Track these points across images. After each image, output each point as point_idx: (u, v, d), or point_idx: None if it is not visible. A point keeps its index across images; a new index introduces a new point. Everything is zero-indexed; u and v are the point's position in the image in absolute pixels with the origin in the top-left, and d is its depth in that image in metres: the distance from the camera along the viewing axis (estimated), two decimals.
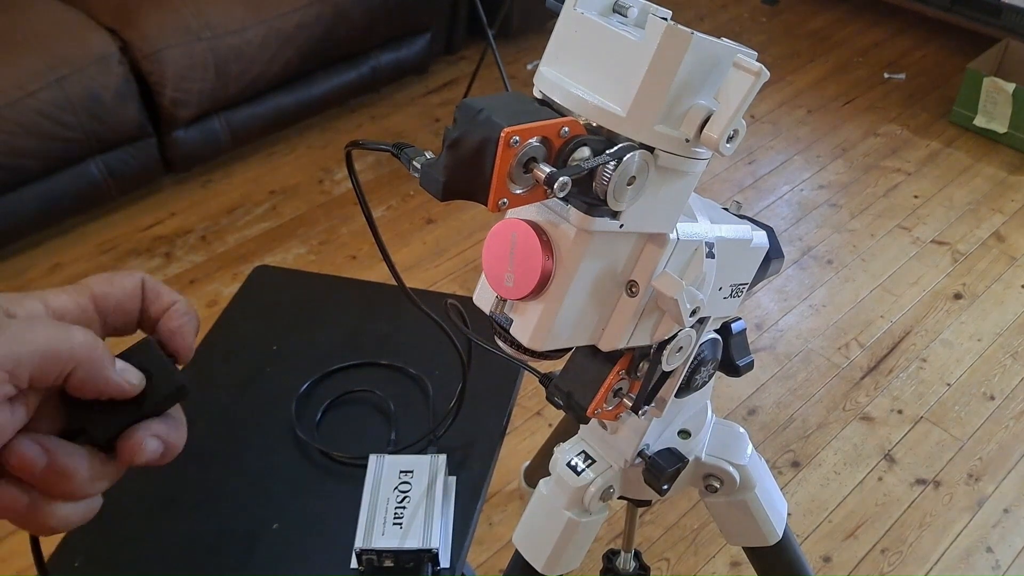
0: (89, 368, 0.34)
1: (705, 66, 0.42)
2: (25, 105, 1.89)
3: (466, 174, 0.39)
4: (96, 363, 0.35)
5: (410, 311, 0.61)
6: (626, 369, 0.57)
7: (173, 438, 0.38)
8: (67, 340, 0.34)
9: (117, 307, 0.39)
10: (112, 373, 0.35)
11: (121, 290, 0.39)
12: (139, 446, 0.37)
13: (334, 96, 2.48)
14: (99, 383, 0.35)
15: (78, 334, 0.34)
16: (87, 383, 0.35)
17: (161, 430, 0.38)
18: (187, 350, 0.40)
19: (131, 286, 0.40)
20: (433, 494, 0.82)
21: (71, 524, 0.36)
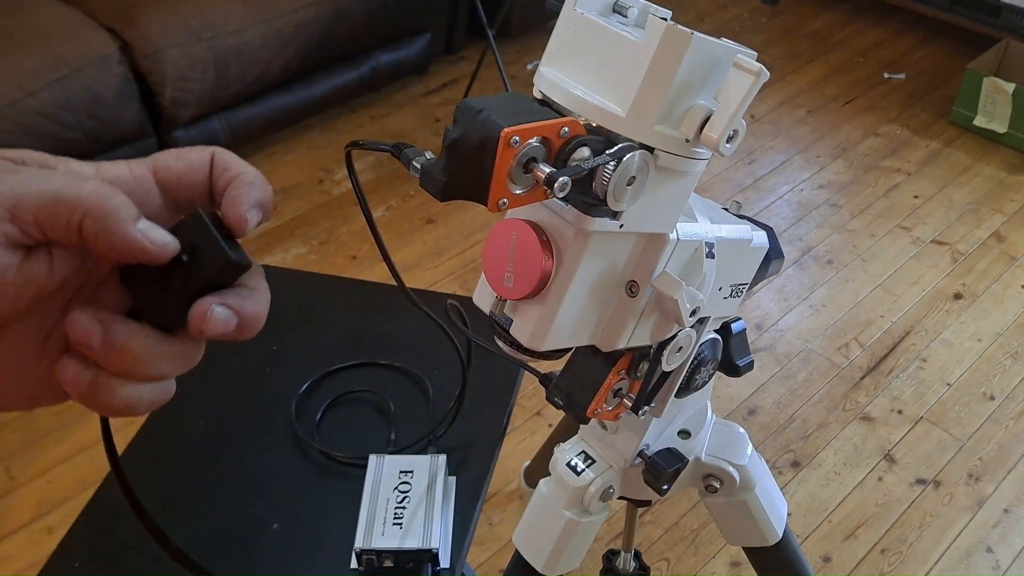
0: (100, 219, 0.31)
1: (705, 66, 0.42)
2: (25, 105, 1.89)
3: (466, 174, 0.39)
4: (109, 214, 0.31)
5: (410, 311, 0.61)
6: (626, 369, 0.57)
7: (248, 308, 0.35)
8: (75, 186, 0.31)
9: (179, 180, 0.36)
10: (129, 228, 0.32)
11: (186, 163, 0.36)
12: (204, 315, 0.33)
13: (334, 96, 2.48)
14: (115, 238, 0.32)
15: (91, 183, 0.31)
16: (103, 240, 0.32)
17: (232, 299, 0.34)
18: (238, 220, 0.35)
19: (198, 159, 0.36)
20: (433, 494, 0.82)
21: (139, 406, 0.34)
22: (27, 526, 1.57)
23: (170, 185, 0.36)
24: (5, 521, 1.58)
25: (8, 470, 1.67)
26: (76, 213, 0.31)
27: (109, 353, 0.33)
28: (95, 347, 0.32)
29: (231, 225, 0.35)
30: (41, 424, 1.74)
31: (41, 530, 1.56)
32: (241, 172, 0.36)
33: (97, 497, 0.89)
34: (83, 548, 0.84)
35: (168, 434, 0.94)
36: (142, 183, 0.35)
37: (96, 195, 0.31)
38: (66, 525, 0.86)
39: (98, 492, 0.89)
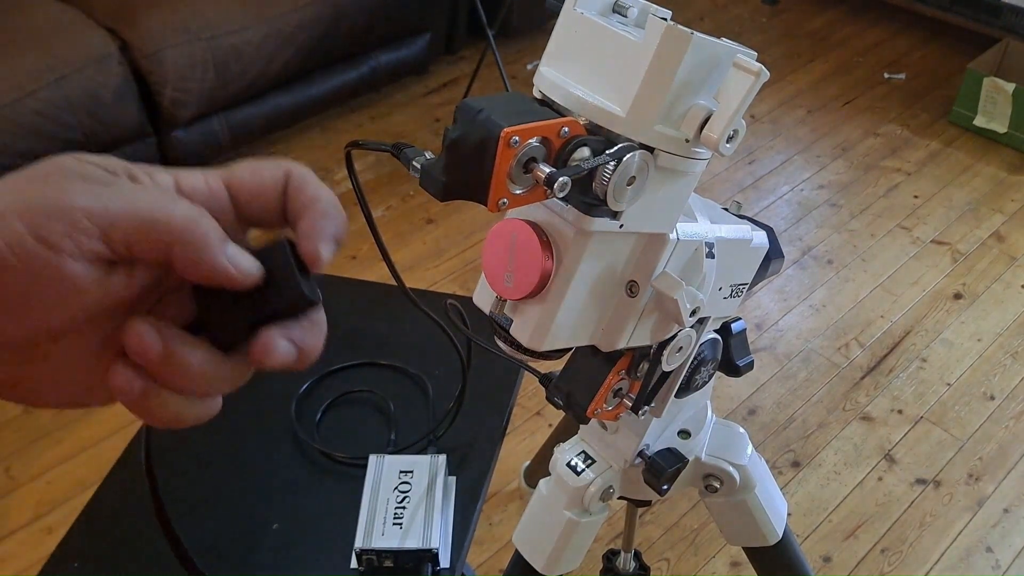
0: (190, 245, 0.31)
1: (705, 66, 0.42)
2: (24, 105, 1.89)
3: (466, 174, 0.39)
4: (199, 240, 0.31)
5: (410, 311, 0.61)
6: (626, 369, 0.57)
7: (308, 341, 0.35)
8: (167, 209, 0.31)
9: (252, 197, 0.35)
10: (218, 255, 0.32)
11: (259, 180, 0.35)
12: (268, 347, 0.34)
13: (334, 96, 2.48)
14: (203, 265, 0.32)
15: (182, 206, 0.31)
16: (190, 263, 0.32)
17: (295, 332, 0.35)
18: (313, 256, 0.34)
19: (272, 177, 0.35)
20: (433, 494, 0.82)
21: (185, 421, 0.34)
22: (27, 526, 1.57)
23: (242, 200, 0.36)
24: (5, 521, 1.58)
25: (8, 470, 1.67)
26: (168, 238, 0.31)
27: (164, 367, 0.33)
28: (153, 360, 0.32)
29: (306, 259, 0.35)
30: (41, 424, 1.74)
31: (41, 530, 1.56)
32: (317, 198, 0.35)
33: (97, 497, 0.89)
34: (83, 548, 0.84)
35: (168, 434, 0.94)
36: (217, 197, 0.35)
37: (188, 221, 0.31)
38: (66, 525, 0.86)
39: (98, 492, 0.89)
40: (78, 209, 0.29)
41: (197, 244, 0.32)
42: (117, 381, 0.33)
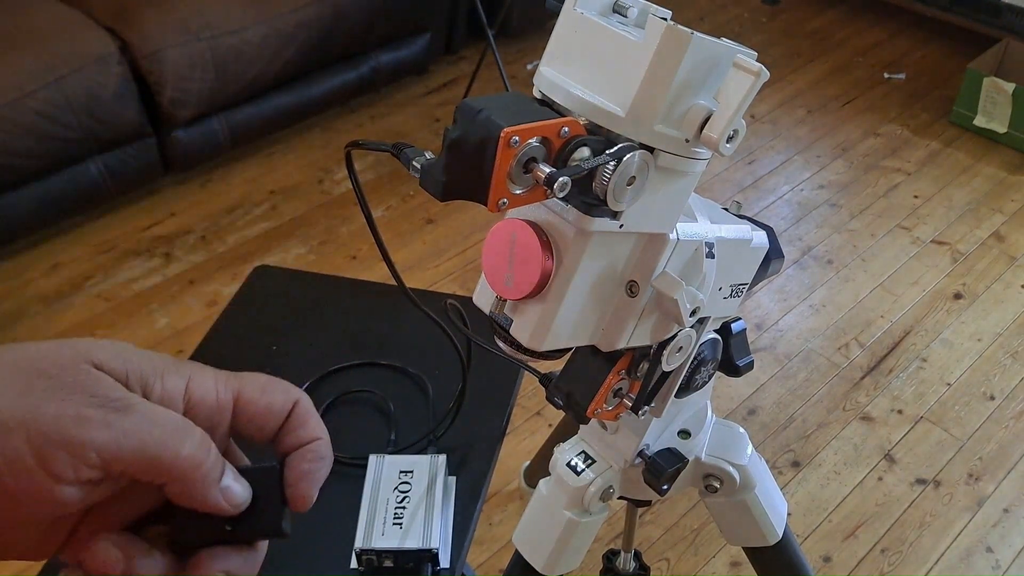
0: (189, 484, 0.33)
1: (705, 66, 0.42)
2: (24, 105, 1.89)
3: (466, 174, 0.39)
4: (198, 481, 0.33)
5: (410, 311, 0.61)
6: (626, 369, 0.57)
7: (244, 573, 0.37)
8: (173, 450, 0.32)
9: (253, 419, 0.36)
10: (213, 493, 0.34)
11: (267, 404, 0.36)
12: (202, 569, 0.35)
13: (334, 96, 2.48)
14: (195, 500, 0.34)
15: (188, 446, 0.32)
16: (183, 497, 0.33)
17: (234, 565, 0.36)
18: (304, 499, 0.37)
19: (280, 405, 0.37)
20: (433, 494, 0.82)
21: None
22: None
23: (243, 416, 0.36)
24: None
25: None
26: (167, 476, 0.32)
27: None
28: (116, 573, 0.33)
29: (299, 501, 0.37)
30: None
31: None
32: (316, 438, 0.37)
33: None
34: None
35: None
36: (223, 410, 0.36)
37: (191, 465, 0.32)
38: None
39: None
40: (89, 444, 0.30)
41: (196, 484, 0.33)
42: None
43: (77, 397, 0.30)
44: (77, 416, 0.30)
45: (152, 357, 0.34)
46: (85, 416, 0.30)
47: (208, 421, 0.35)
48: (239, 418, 0.36)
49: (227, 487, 0.34)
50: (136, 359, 0.33)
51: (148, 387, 0.33)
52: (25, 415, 0.29)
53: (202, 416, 0.35)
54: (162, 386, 0.34)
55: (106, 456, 0.30)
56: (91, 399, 0.30)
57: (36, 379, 0.30)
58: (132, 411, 0.31)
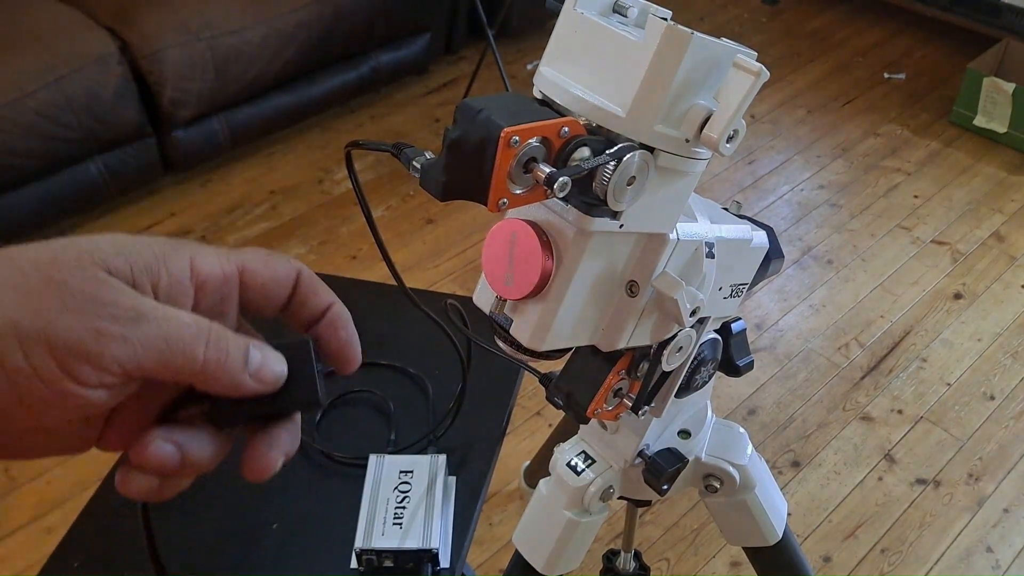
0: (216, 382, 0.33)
1: (705, 66, 0.42)
2: (24, 105, 1.89)
3: (466, 174, 0.39)
4: (223, 377, 0.33)
5: (410, 311, 0.61)
6: (626, 369, 0.57)
7: (294, 448, 0.37)
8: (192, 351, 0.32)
9: (262, 289, 0.37)
10: (243, 380, 0.34)
11: (272, 274, 0.37)
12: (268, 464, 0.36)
13: (334, 96, 2.48)
14: (229, 391, 0.34)
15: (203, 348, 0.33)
16: (216, 390, 0.34)
17: (289, 446, 0.36)
18: (356, 360, 0.38)
19: (284, 274, 0.37)
20: (433, 494, 0.82)
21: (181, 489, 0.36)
22: (27, 526, 1.57)
23: (250, 289, 0.37)
24: (5, 521, 1.58)
25: (8, 470, 1.67)
26: (191, 376, 0.33)
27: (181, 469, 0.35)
28: (172, 470, 0.34)
29: (349, 365, 0.38)
30: None
31: (41, 530, 1.56)
32: (331, 302, 0.38)
33: (97, 497, 0.89)
34: (83, 548, 0.84)
35: None
36: (229, 283, 0.36)
37: (212, 365, 0.33)
38: (66, 525, 0.86)
39: (98, 492, 0.89)
40: (109, 358, 0.30)
41: (223, 379, 0.33)
42: (130, 488, 0.34)
43: (91, 308, 0.30)
44: (95, 331, 0.30)
45: (151, 243, 0.34)
46: (102, 331, 0.30)
47: (217, 295, 0.35)
48: (247, 291, 0.37)
49: (257, 369, 0.34)
50: (137, 250, 0.33)
51: (155, 277, 0.33)
52: (44, 328, 0.30)
53: (211, 292, 0.35)
54: (167, 272, 0.34)
55: (127, 367, 0.31)
56: (105, 310, 0.31)
57: (47, 288, 0.30)
58: (146, 321, 0.31)
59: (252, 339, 0.35)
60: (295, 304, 0.38)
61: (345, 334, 0.38)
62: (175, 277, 0.34)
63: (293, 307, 0.38)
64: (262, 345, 0.35)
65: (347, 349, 0.38)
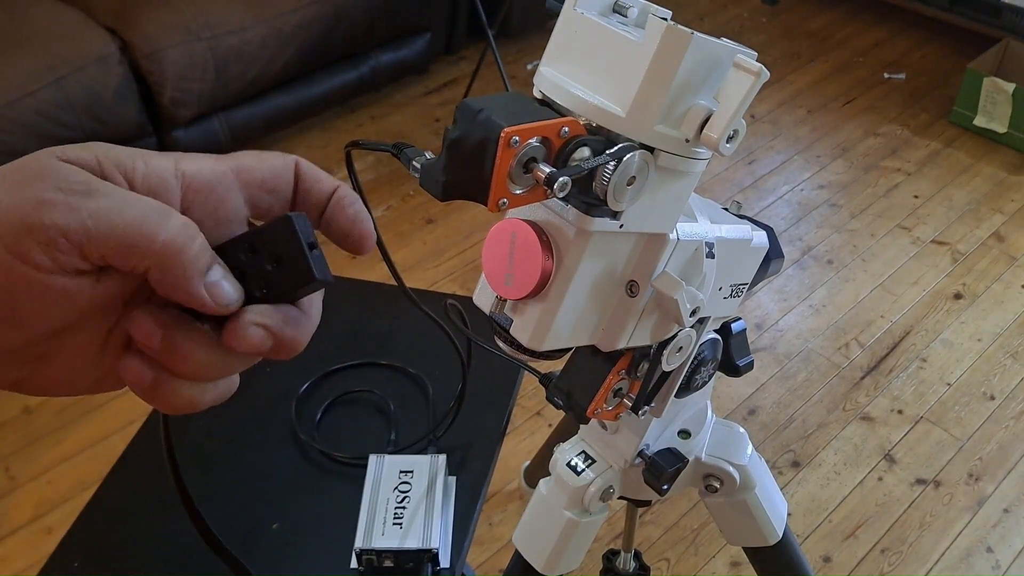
0: (168, 271, 0.31)
1: (705, 66, 0.42)
2: (24, 105, 1.89)
3: (466, 174, 0.39)
4: (177, 268, 0.30)
5: (410, 311, 0.61)
6: (626, 369, 0.57)
7: (288, 333, 0.34)
8: (148, 231, 0.30)
9: (262, 184, 0.35)
10: (196, 285, 0.31)
11: (269, 168, 0.35)
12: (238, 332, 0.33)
13: (334, 96, 2.48)
14: (177, 291, 0.31)
15: (169, 227, 0.30)
16: (166, 287, 0.31)
17: (271, 319, 0.33)
18: (368, 236, 0.36)
19: (281, 165, 0.35)
20: (433, 494, 0.82)
21: (200, 404, 0.34)
22: (27, 526, 1.57)
23: (252, 188, 0.35)
24: (5, 521, 1.58)
25: (8, 470, 1.67)
26: (145, 261, 0.30)
27: (169, 355, 0.32)
28: (156, 348, 0.32)
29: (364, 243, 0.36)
30: (41, 424, 1.74)
31: (41, 530, 1.56)
32: (336, 185, 0.36)
33: (97, 497, 0.89)
34: (83, 548, 0.84)
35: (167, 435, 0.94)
36: (223, 181, 0.34)
37: (170, 249, 0.30)
38: (66, 525, 0.86)
39: (98, 492, 0.89)
40: (51, 227, 0.28)
41: (177, 272, 0.31)
42: (128, 373, 0.33)
43: (38, 185, 0.29)
44: (37, 201, 0.28)
45: (134, 149, 0.32)
46: (46, 200, 0.28)
47: (211, 197, 0.33)
48: (248, 189, 0.35)
49: (215, 282, 0.32)
50: (107, 147, 0.31)
51: (128, 170, 0.31)
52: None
53: (202, 192, 0.33)
54: (146, 166, 0.31)
55: (75, 240, 0.29)
56: (52, 182, 0.29)
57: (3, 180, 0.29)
58: (99, 194, 0.29)
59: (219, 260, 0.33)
60: (300, 196, 0.36)
61: (353, 211, 0.36)
62: (154, 170, 0.32)
63: (299, 201, 0.36)
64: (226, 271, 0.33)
65: (358, 225, 0.36)
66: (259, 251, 0.34)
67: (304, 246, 0.33)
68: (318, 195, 0.36)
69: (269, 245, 0.34)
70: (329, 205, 0.36)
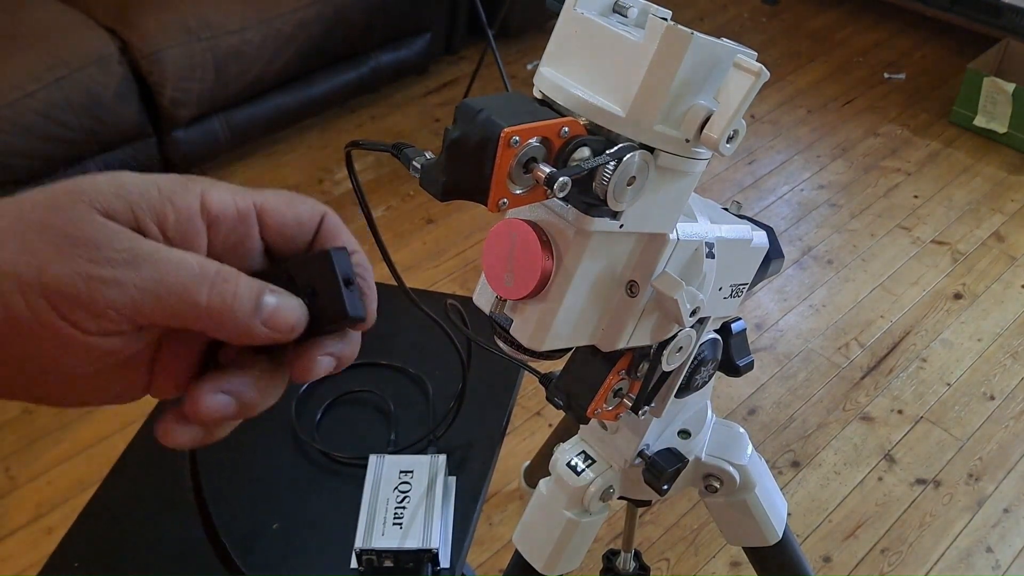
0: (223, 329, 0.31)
1: (705, 66, 0.42)
2: (24, 105, 1.89)
3: (466, 174, 0.39)
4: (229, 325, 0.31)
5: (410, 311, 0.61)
6: (626, 369, 0.57)
7: (347, 353, 0.35)
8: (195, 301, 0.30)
9: (281, 230, 0.35)
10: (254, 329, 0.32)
11: (295, 217, 0.35)
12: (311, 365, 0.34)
13: (334, 96, 2.48)
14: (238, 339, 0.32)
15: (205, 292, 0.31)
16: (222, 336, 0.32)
17: (336, 349, 0.34)
18: (371, 316, 0.36)
19: (308, 217, 0.35)
20: (433, 494, 0.82)
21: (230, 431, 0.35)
22: (27, 526, 1.57)
23: (272, 230, 0.35)
24: (5, 521, 1.58)
25: (8, 470, 1.67)
26: (195, 323, 0.31)
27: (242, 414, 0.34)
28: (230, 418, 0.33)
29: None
30: (41, 424, 1.74)
31: (41, 530, 1.56)
32: (356, 250, 0.36)
33: (97, 497, 0.89)
34: (83, 548, 0.84)
35: None
36: (245, 220, 0.34)
37: (215, 310, 0.31)
38: (66, 525, 0.86)
39: (98, 492, 0.89)
40: (101, 302, 0.29)
41: (230, 327, 0.32)
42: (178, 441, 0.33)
43: (83, 252, 0.29)
44: (84, 276, 0.29)
45: (157, 180, 0.32)
46: (92, 275, 0.29)
47: (233, 234, 0.34)
48: (266, 230, 0.35)
49: (272, 312, 0.32)
50: (138, 190, 0.31)
51: (161, 216, 0.31)
52: (38, 275, 0.29)
53: (226, 230, 0.33)
54: (174, 210, 0.32)
55: (126, 313, 0.30)
56: (98, 253, 0.29)
57: (42, 233, 0.29)
58: (143, 262, 0.30)
59: (267, 284, 0.33)
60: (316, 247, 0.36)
61: (363, 284, 0.36)
62: (184, 214, 0.32)
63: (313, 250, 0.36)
64: (281, 292, 0.33)
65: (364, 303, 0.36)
66: (296, 282, 0.34)
67: (340, 282, 0.34)
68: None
69: (306, 277, 0.34)
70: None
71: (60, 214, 0.30)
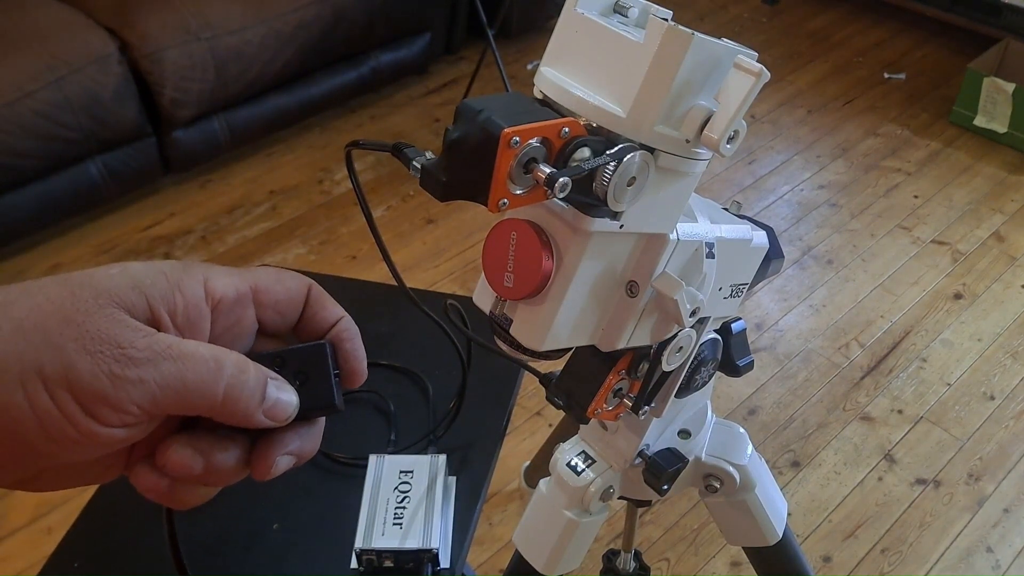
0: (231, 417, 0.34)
1: (706, 67, 0.42)
2: (24, 105, 1.89)
3: (466, 174, 0.39)
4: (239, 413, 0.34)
5: (410, 311, 0.61)
6: (626, 369, 0.57)
7: (307, 450, 0.37)
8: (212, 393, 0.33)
9: (275, 306, 0.38)
10: (257, 417, 0.35)
11: (285, 292, 0.38)
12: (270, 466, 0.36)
13: (334, 96, 2.48)
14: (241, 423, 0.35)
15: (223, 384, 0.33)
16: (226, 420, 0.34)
17: (295, 446, 0.37)
18: (360, 375, 0.39)
19: (296, 290, 0.38)
20: (433, 494, 0.82)
21: (208, 498, 0.37)
22: (27, 526, 1.57)
23: (266, 308, 0.38)
24: (5, 521, 1.58)
25: None
26: (208, 412, 0.34)
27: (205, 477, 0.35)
28: (196, 475, 0.35)
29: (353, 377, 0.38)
30: None
31: (41, 530, 1.56)
32: (340, 316, 0.39)
33: (97, 497, 0.89)
34: (83, 548, 0.84)
35: None
36: (243, 301, 0.37)
37: (228, 400, 0.33)
38: (66, 525, 0.86)
39: (98, 492, 0.89)
40: (128, 400, 0.31)
41: (238, 415, 0.34)
42: (142, 483, 0.35)
43: (108, 351, 0.31)
44: (111, 375, 0.31)
45: (163, 269, 0.34)
46: (119, 376, 0.31)
47: (233, 315, 0.36)
48: (261, 309, 0.37)
49: (273, 404, 0.35)
50: (151, 281, 0.34)
51: (171, 305, 0.34)
52: (65, 372, 0.30)
53: (226, 312, 0.36)
54: (183, 298, 0.34)
55: (146, 408, 0.32)
56: (122, 352, 0.31)
57: (66, 329, 0.31)
58: (163, 361, 0.32)
59: (269, 373, 0.35)
60: (305, 318, 0.39)
61: (351, 346, 0.39)
62: (191, 301, 0.35)
63: (304, 320, 0.39)
64: (280, 383, 0.36)
65: (351, 361, 0.39)
66: (288, 368, 0.37)
67: (332, 375, 0.37)
68: (322, 321, 0.39)
69: (299, 365, 0.37)
70: (330, 333, 0.39)
71: (84, 311, 0.31)
